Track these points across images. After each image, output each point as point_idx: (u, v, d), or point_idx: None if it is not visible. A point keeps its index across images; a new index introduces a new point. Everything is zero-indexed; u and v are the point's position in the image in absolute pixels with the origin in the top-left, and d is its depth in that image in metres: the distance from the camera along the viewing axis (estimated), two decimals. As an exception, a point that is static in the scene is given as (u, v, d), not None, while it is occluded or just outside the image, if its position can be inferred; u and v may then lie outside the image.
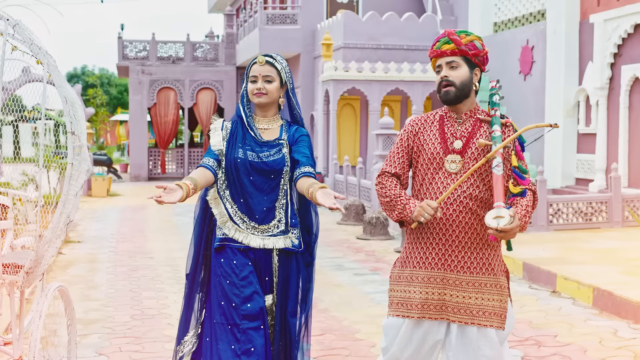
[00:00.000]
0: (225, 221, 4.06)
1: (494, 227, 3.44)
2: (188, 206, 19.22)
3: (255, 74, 4.09)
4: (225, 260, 4.04)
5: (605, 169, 16.44)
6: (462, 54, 3.71)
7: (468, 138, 3.71)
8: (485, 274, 3.70)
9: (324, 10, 25.70)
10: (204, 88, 30.10)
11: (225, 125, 4.21)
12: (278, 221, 4.09)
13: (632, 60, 15.78)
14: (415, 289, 3.73)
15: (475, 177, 3.69)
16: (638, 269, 8.61)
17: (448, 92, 3.71)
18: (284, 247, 4.08)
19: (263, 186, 4.07)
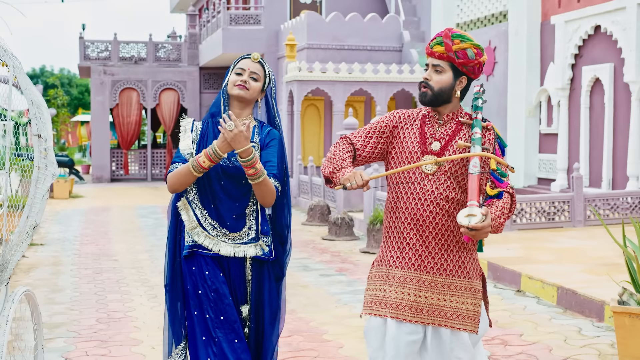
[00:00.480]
0: (194, 227, 3.88)
1: (465, 225, 3.37)
2: (152, 207, 19.16)
3: (244, 67, 3.92)
4: (196, 269, 3.88)
5: (567, 168, 16.64)
6: (449, 60, 3.64)
7: (447, 140, 3.67)
8: (460, 277, 3.67)
9: (287, 11, 25.69)
10: (167, 89, 29.95)
11: (196, 126, 4.02)
12: (249, 228, 3.91)
13: (592, 61, 15.97)
14: (390, 288, 3.68)
15: (452, 179, 3.65)
16: (601, 267, 8.72)
17: (425, 94, 3.68)
18: (254, 255, 3.90)
19: (234, 192, 3.89)
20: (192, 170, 3.75)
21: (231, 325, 3.83)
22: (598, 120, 15.85)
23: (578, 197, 12.47)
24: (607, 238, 10.58)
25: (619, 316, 5.57)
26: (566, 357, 6.02)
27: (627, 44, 14.70)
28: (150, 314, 7.56)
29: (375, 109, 20.85)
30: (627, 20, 14.72)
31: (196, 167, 3.74)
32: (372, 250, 11.39)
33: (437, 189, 3.64)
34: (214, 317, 3.82)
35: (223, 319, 3.82)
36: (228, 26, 25.16)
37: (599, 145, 15.81)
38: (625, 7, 14.73)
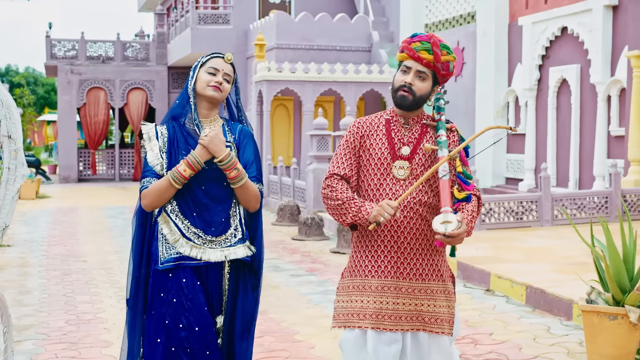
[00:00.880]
0: (177, 239, 3.73)
1: (442, 233, 3.38)
2: (120, 208, 19.04)
3: (218, 67, 3.79)
4: (173, 276, 3.73)
5: (534, 168, 16.79)
6: (434, 70, 3.64)
7: (415, 144, 3.66)
8: (435, 280, 3.67)
9: (256, 11, 25.66)
10: (135, 88, 29.77)
11: (161, 132, 3.83)
12: (234, 229, 3.81)
13: (559, 62, 16.13)
14: (368, 299, 3.63)
15: (424, 183, 3.64)
16: (568, 267, 8.81)
17: (405, 98, 3.64)
18: (244, 256, 3.80)
19: (218, 195, 3.77)
20: (174, 183, 3.66)
21: (205, 338, 3.72)
22: (565, 120, 16.01)
23: (546, 197, 12.59)
24: (575, 237, 10.68)
25: (587, 315, 5.64)
26: (536, 355, 6.08)
27: (594, 45, 14.85)
28: (120, 316, 7.51)
29: (344, 109, 20.88)
30: (593, 22, 14.88)
31: (177, 179, 3.66)
32: (342, 250, 11.41)
33: (410, 193, 3.62)
34: (187, 326, 3.70)
35: (198, 331, 3.70)
36: (197, 25, 25.07)
37: (565, 145, 15.97)
38: (592, 8, 14.89)
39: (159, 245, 3.78)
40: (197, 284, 3.73)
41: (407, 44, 3.66)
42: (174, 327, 3.71)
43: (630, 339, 5.50)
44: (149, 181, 3.74)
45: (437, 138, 3.65)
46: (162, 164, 3.77)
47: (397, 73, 3.70)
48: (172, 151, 3.78)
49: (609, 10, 14.64)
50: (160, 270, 3.75)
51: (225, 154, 3.65)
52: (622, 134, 14.28)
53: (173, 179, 3.65)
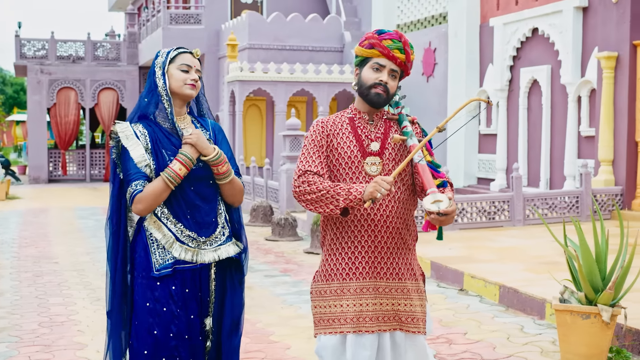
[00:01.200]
0: (172, 243, 3.60)
1: (435, 211, 3.31)
2: (92, 208, 18.92)
3: (190, 64, 3.67)
4: (161, 285, 3.60)
5: (506, 168, 16.91)
6: (403, 69, 3.64)
7: (383, 139, 3.64)
8: (410, 279, 3.65)
9: (228, 11, 25.60)
10: (106, 88, 29.59)
11: (139, 131, 3.63)
12: (222, 228, 3.72)
13: (530, 63, 16.26)
14: (347, 302, 3.58)
15: (396, 178, 3.60)
16: (541, 266, 8.88)
17: (380, 96, 3.59)
18: (235, 253, 3.72)
19: (206, 194, 3.68)
20: (169, 184, 3.52)
21: (194, 345, 3.63)
22: (536, 120, 16.14)
23: (517, 197, 12.68)
24: (546, 237, 10.79)
25: (560, 314, 5.69)
26: (510, 354, 6.12)
27: (564, 46, 14.99)
28: (93, 317, 7.47)
29: (317, 110, 20.92)
30: (563, 23, 15.02)
31: (174, 179, 3.53)
32: (315, 250, 11.43)
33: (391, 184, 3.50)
34: (177, 335, 3.59)
35: (187, 338, 3.61)
36: (168, 25, 24.99)
37: (536, 145, 16.10)
38: (562, 10, 15.03)
39: (151, 251, 3.62)
40: (186, 291, 3.62)
41: (377, 40, 3.60)
42: (163, 336, 3.58)
43: (602, 338, 5.56)
44: (141, 184, 3.55)
45: (403, 129, 3.65)
46: (150, 165, 3.59)
47: (367, 70, 3.62)
48: (157, 151, 3.61)
49: (579, 11, 14.78)
50: (148, 278, 3.60)
51: (216, 152, 3.60)
52: (592, 134, 14.43)
53: (169, 180, 3.52)
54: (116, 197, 3.70)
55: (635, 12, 13.26)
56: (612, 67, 13.55)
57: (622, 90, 13.43)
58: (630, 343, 6.08)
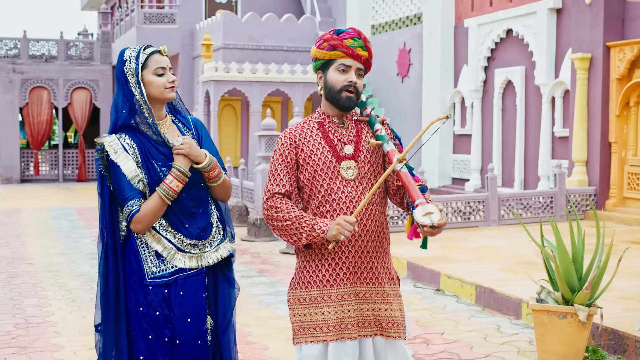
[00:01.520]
0: (174, 255, 3.53)
1: (429, 225, 3.27)
2: (65, 209, 18.78)
3: (163, 65, 3.54)
4: (153, 289, 3.52)
5: (480, 168, 17.00)
6: (367, 67, 3.58)
7: (356, 142, 3.56)
8: (388, 284, 3.60)
9: (202, 10, 25.53)
10: (79, 87, 29.39)
11: (128, 144, 3.50)
12: (216, 227, 3.66)
13: (504, 64, 16.36)
14: (329, 310, 3.50)
15: (373, 180, 3.56)
16: (517, 266, 8.94)
17: (351, 99, 3.51)
18: (232, 251, 3.70)
19: (200, 198, 3.61)
20: (166, 200, 3.46)
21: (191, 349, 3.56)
22: (510, 121, 16.24)
23: (493, 197, 12.75)
24: (522, 237, 10.86)
25: (537, 314, 5.73)
26: (487, 354, 6.16)
27: (538, 47, 15.09)
28: (69, 319, 7.42)
29: (292, 110, 20.92)
30: (537, 25, 15.12)
31: (170, 195, 3.46)
32: (291, 251, 11.42)
33: (362, 193, 3.52)
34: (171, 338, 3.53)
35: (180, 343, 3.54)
36: (142, 25, 24.86)
37: (511, 145, 16.20)
38: (536, 11, 15.13)
39: (142, 259, 3.54)
40: (180, 294, 3.53)
41: (339, 41, 3.51)
42: (158, 341, 3.53)
43: (579, 338, 5.61)
44: (137, 204, 3.46)
45: (377, 132, 3.56)
46: (143, 179, 3.50)
47: (333, 73, 3.52)
48: (147, 164, 3.50)
49: (553, 13, 14.89)
50: (140, 284, 3.53)
51: (207, 158, 3.54)
52: (566, 134, 14.54)
53: (165, 197, 3.45)
54: (107, 210, 3.57)
55: (608, 13, 13.39)
56: (586, 69, 13.66)
57: (595, 92, 13.55)
58: (606, 342, 6.14)
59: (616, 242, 9.76)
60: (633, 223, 12.21)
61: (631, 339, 5.94)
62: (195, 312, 3.58)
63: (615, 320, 6.30)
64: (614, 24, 13.43)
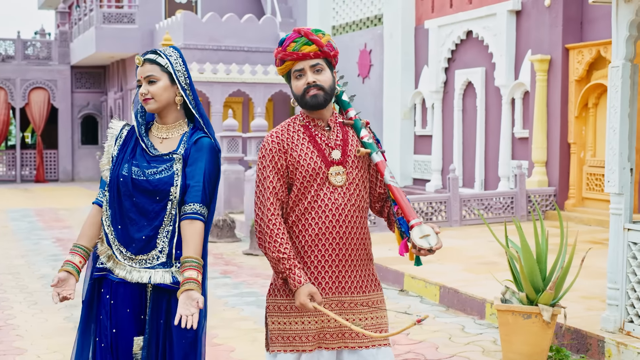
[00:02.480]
0: (105, 250, 3.48)
1: (427, 248, 3.21)
2: (24, 210, 18.55)
3: (139, 77, 3.47)
4: (102, 292, 3.49)
5: (441, 169, 17.11)
6: (325, 56, 3.40)
7: (344, 146, 3.43)
8: (374, 291, 3.51)
9: (162, 10, 25.38)
10: (37, 87, 29.07)
11: (123, 134, 3.55)
12: (159, 252, 3.42)
13: (464, 65, 16.47)
14: (309, 319, 3.40)
15: (360, 186, 3.45)
16: (480, 266, 9.01)
17: (317, 95, 3.36)
18: (161, 282, 3.40)
19: (147, 210, 3.42)
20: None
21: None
22: (470, 122, 16.37)
23: (454, 198, 12.84)
24: (484, 237, 10.96)
25: (502, 314, 5.79)
26: (452, 354, 6.21)
27: (498, 49, 15.23)
28: (32, 322, 7.35)
29: (253, 110, 20.88)
30: (497, 26, 15.26)
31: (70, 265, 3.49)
32: (254, 252, 11.41)
33: (349, 200, 3.41)
34: (105, 346, 3.45)
35: (112, 355, 3.44)
36: (101, 25, 24.64)
37: (471, 146, 16.33)
38: (496, 13, 15.27)
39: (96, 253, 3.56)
40: (112, 302, 3.45)
41: (283, 51, 3.41)
42: (98, 345, 3.48)
43: (543, 337, 5.68)
44: (101, 195, 3.54)
45: (363, 139, 3.45)
46: (107, 169, 3.53)
47: (293, 82, 3.42)
48: (120, 155, 3.49)
49: (513, 15, 15.03)
50: (96, 281, 3.53)
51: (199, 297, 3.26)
52: (526, 135, 14.69)
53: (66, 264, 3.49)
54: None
55: (567, 16, 13.55)
56: (545, 70, 13.81)
57: (555, 93, 13.70)
58: (569, 342, 6.22)
59: (577, 242, 9.88)
60: (592, 223, 12.38)
61: (594, 338, 6.03)
62: (120, 326, 3.45)
63: (578, 319, 6.39)
64: (573, 26, 13.60)
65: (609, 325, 6.01)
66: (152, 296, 3.45)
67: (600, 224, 12.08)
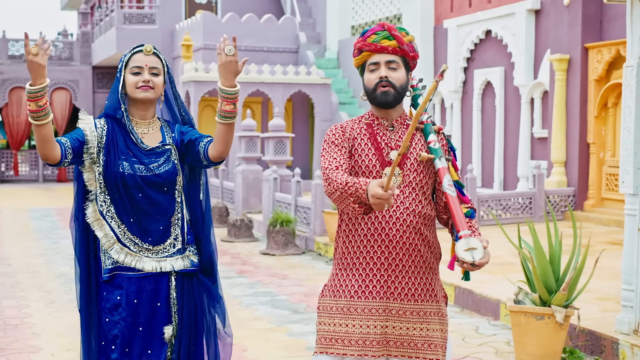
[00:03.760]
0: (113, 244, 3.48)
1: (469, 262, 3.06)
2: (45, 209, 18.70)
3: (140, 64, 3.52)
4: (107, 294, 3.52)
5: (460, 169, 17.03)
6: (403, 54, 3.32)
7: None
8: (429, 302, 3.33)
9: (182, 11, 25.48)
10: (59, 88, 29.27)
11: (100, 124, 3.54)
12: (174, 239, 3.56)
13: (483, 64, 16.42)
14: (354, 322, 3.29)
15: (417, 190, 3.31)
16: (495, 267, 8.96)
17: (387, 93, 3.29)
18: (182, 268, 3.55)
19: (159, 202, 3.52)
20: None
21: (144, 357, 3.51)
22: (489, 122, 16.31)
23: (472, 198, 12.79)
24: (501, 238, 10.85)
25: (515, 315, 5.77)
26: (465, 355, 6.19)
27: (517, 48, 15.17)
28: (48, 320, 7.40)
29: (272, 110, 20.89)
30: (516, 26, 15.19)
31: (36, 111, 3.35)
32: (271, 251, 11.43)
33: (402, 203, 3.28)
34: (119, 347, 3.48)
35: (150, 353, 3.51)
36: (122, 25, 24.77)
37: (490, 146, 16.27)
38: (515, 12, 15.20)
39: (101, 254, 3.55)
40: (134, 302, 3.49)
41: (362, 41, 3.37)
42: (107, 347, 3.50)
43: (556, 339, 5.65)
44: (64, 138, 3.48)
45: (430, 144, 3.33)
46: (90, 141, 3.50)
47: (366, 74, 3.36)
48: (110, 149, 3.51)
49: (532, 14, 14.97)
50: (104, 283, 3.54)
51: (237, 86, 3.49)
52: (545, 135, 14.62)
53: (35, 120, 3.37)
54: (81, 194, 3.59)
55: (586, 15, 13.47)
56: (564, 70, 13.74)
57: (574, 93, 13.63)
58: (583, 343, 6.19)
59: (595, 242, 9.82)
60: (611, 224, 12.29)
61: (608, 340, 5.99)
62: (148, 321, 3.52)
63: (592, 321, 6.35)
64: (592, 25, 13.52)
65: (623, 327, 5.97)
66: (176, 284, 3.56)
67: (619, 225, 11.99)
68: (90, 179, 3.53)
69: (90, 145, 3.49)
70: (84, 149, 3.49)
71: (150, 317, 3.52)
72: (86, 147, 3.49)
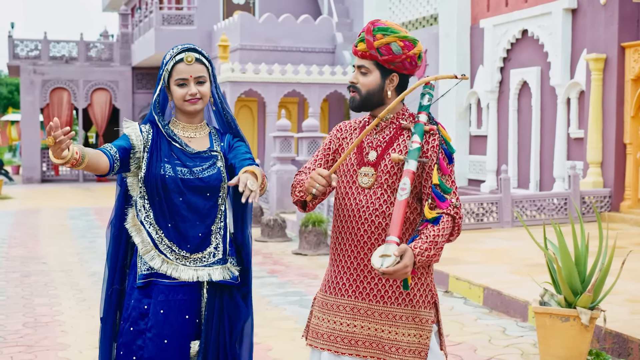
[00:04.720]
0: (149, 250, 3.40)
1: (376, 268, 2.92)
2: (84, 209, 18.93)
3: (185, 76, 3.39)
4: (134, 302, 3.43)
5: (496, 170, 16.95)
6: (373, 59, 3.18)
7: (383, 149, 3.22)
8: (401, 306, 3.21)
9: (220, 12, 25.62)
10: (99, 88, 29.63)
11: (145, 128, 3.48)
12: (215, 248, 3.45)
13: (520, 64, 16.29)
14: (323, 317, 3.31)
15: (389, 192, 3.21)
16: (526, 268, 8.91)
17: (353, 98, 3.25)
18: (221, 279, 3.43)
19: (199, 207, 3.42)
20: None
21: None
22: (526, 122, 16.18)
23: (506, 199, 12.72)
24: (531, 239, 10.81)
25: (540, 316, 5.72)
26: (490, 357, 6.15)
27: (553, 48, 15.03)
28: (78, 318, 7.50)
29: (308, 111, 20.95)
30: (552, 25, 15.06)
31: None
32: (304, 252, 11.45)
33: (372, 204, 3.21)
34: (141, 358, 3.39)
35: None
36: (161, 26, 25.00)
37: (526, 146, 16.14)
38: (551, 12, 15.07)
39: (137, 259, 3.47)
40: (161, 312, 3.39)
41: (353, 45, 3.31)
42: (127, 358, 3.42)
43: (581, 341, 5.59)
44: (105, 146, 3.38)
45: (412, 145, 3.16)
46: (137, 146, 3.44)
47: None
48: (154, 153, 3.43)
49: (568, 13, 14.83)
50: (132, 288, 3.45)
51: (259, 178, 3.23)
52: (581, 136, 14.47)
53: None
54: (122, 199, 3.55)
55: (623, 14, 13.31)
56: (601, 69, 13.59)
57: (610, 92, 13.48)
58: (610, 346, 6.12)
59: (630, 244, 9.71)
60: (648, 225, 12.14)
61: (635, 342, 5.92)
62: (174, 334, 3.41)
63: (620, 323, 6.28)
64: (629, 25, 13.35)
65: (650, 329, 5.90)
66: (207, 297, 3.45)
67: (655, 226, 11.85)
68: (133, 183, 3.49)
69: (137, 149, 3.44)
70: (131, 154, 3.43)
71: (178, 329, 3.41)
72: (132, 152, 3.43)
